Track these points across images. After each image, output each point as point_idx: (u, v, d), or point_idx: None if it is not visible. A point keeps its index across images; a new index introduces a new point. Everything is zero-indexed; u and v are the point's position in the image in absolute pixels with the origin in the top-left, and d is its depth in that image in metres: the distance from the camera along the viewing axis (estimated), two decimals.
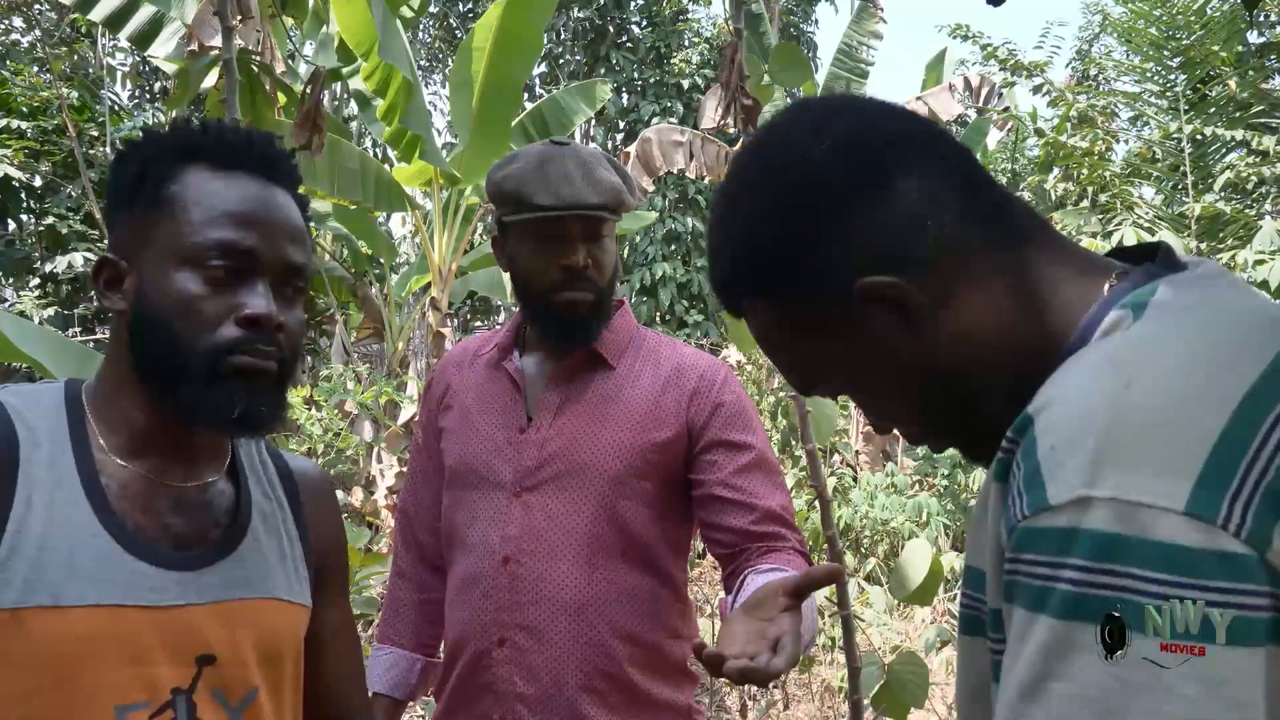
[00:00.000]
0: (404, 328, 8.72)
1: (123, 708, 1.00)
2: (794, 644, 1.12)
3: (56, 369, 2.98)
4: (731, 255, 0.88)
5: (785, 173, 0.84)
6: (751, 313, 0.89)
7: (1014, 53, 7.28)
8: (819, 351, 0.86)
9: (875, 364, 0.83)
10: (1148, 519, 0.62)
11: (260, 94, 2.76)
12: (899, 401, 0.86)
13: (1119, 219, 6.08)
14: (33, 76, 10.20)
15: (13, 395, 1.06)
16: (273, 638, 1.12)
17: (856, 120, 0.85)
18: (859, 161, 0.82)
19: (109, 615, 1.00)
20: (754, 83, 2.70)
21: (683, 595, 1.78)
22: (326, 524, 1.27)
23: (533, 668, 1.64)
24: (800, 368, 0.90)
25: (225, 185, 1.06)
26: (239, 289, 1.04)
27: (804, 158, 0.83)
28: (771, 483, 1.70)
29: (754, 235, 0.85)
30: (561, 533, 1.66)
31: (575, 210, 1.65)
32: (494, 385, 1.79)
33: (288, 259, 1.08)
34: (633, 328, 1.82)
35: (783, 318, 0.87)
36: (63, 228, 9.75)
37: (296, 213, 1.12)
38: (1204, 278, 0.77)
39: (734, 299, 0.90)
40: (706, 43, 13.79)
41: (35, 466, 1.02)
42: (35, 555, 0.98)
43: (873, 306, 0.81)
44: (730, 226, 0.88)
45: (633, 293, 12.87)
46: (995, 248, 0.81)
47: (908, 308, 0.80)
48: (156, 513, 1.07)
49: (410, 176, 7.19)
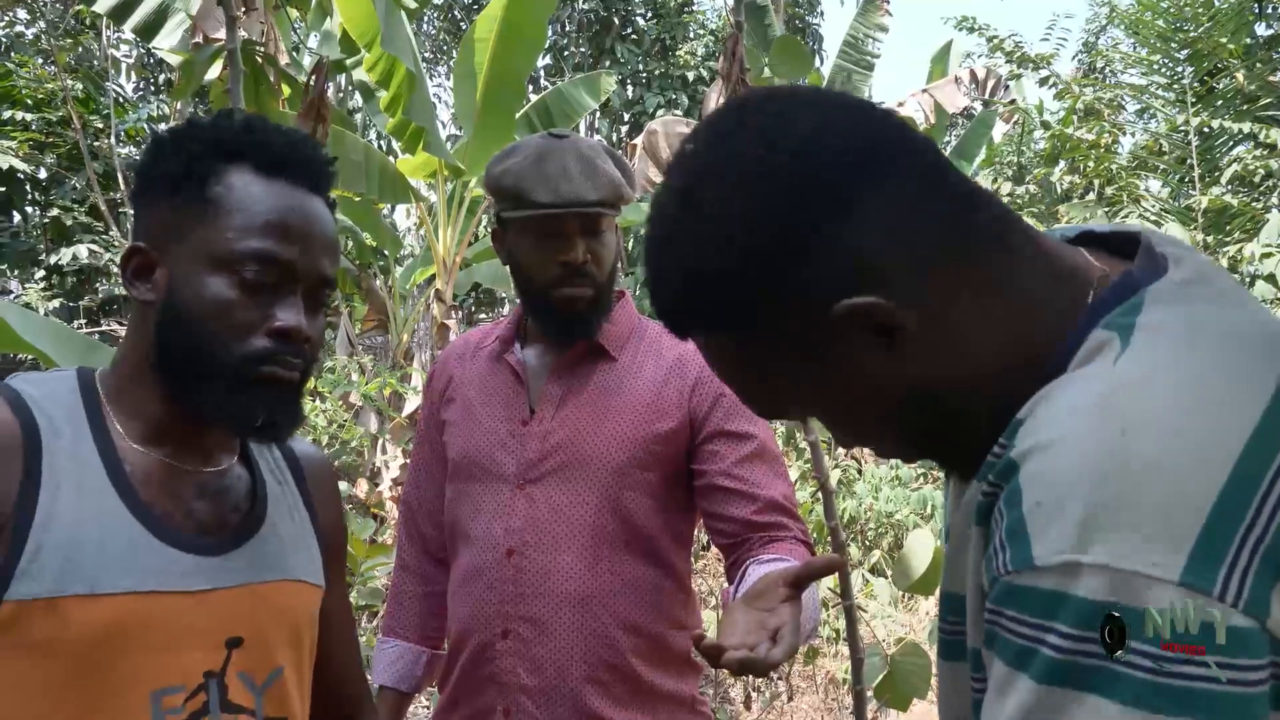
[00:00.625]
0: (408, 320, 8.73)
1: (158, 692, 1.02)
2: (793, 635, 1.12)
3: (62, 360, 2.98)
4: (684, 283, 0.77)
5: (742, 189, 0.74)
6: (707, 346, 0.81)
7: (1020, 45, 7.26)
8: (787, 382, 0.79)
9: (851, 388, 0.77)
10: (1140, 588, 0.59)
11: (264, 85, 2.76)
12: (874, 424, 0.81)
13: (1125, 212, 6.07)
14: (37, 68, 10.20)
15: (28, 384, 1.07)
16: (294, 618, 1.14)
17: (813, 125, 0.74)
18: (824, 172, 0.73)
19: (143, 602, 1.01)
20: (755, 75, 2.69)
21: (686, 586, 1.78)
22: (331, 506, 1.28)
23: (536, 659, 1.64)
24: (765, 398, 0.82)
25: (267, 192, 1.07)
26: (273, 299, 1.05)
27: (761, 170, 0.73)
28: (774, 472, 1.70)
29: (711, 259, 0.75)
30: (565, 524, 1.67)
31: (574, 208, 1.65)
32: (496, 378, 1.79)
33: (322, 272, 1.09)
34: (634, 319, 1.82)
35: (746, 350, 0.78)
36: (67, 220, 9.77)
37: (332, 224, 1.12)
38: (1188, 285, 0.72)
39: (685, 330, 0.81)
40: (712, 35, 13.77)
41: (58, 455, 1.02)
42: (67, 544, 0.99)
43: (851, 329, 0.73)
44: (680, 249, 0.77)
45: (638, 285, 12.87)
46: (973, 259, 0.75)
47: (890, 328, 0.73)
48: (181, 499, 1.08)
49: (415, 168, 7.19)
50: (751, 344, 0.77)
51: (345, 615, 1.32)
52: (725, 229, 0.74)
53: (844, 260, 0.72)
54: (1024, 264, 0.76)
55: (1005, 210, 0.78)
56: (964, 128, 11.13)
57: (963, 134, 10.54)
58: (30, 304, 8.83)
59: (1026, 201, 8.58)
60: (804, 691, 4.75)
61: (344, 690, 1.30)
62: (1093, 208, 6.81)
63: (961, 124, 12.06)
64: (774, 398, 0.82)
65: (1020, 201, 8.65)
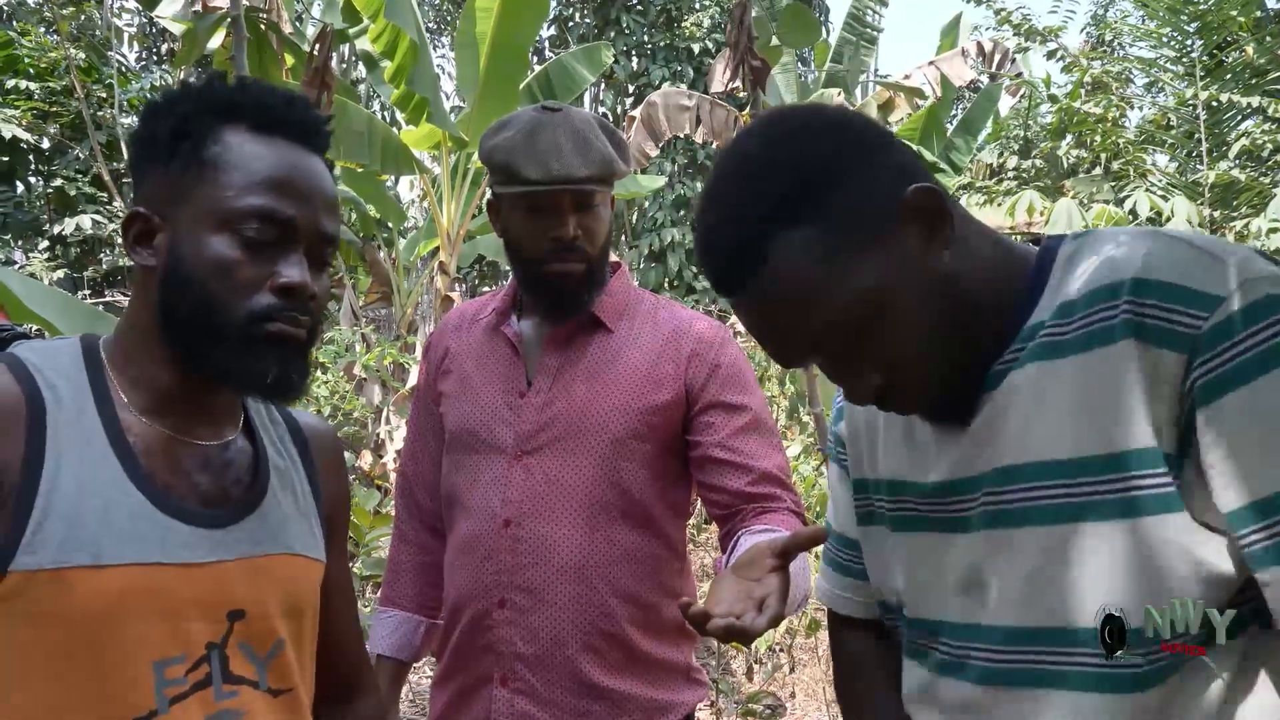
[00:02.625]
0: (412, 292, 8.73)
1: (160, 663, 1.02)
2: (778, 604, 1.13)
3: (66, 329, 2.99)
4: (778, 187, 0.94)
5: (808, 129, 0.97)
6: (791, 248, 0.94)
7: (1028, 18, 7.20)
8: (858, 273, 0.93)
9: (908, 283, 0.94)
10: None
11: (268, 53, 2.75)
12: (917, 329, 0.95)
13: (1132, 186, 6.04)
14: (40, 37, 10.15)
15: (31, 352, 1.06)
16: (295, 591, 1.14)
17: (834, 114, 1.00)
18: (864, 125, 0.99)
19: (146, 573, 1.01)
20: (762, 44, 2.68)
21: (682, 555, 1.79)
22: (335, 479, 1.28)
23: (533, 628, 1.65)
24: (825, 307, 0.94)
25: (266, 150, 1.06)
26: (275, 256, 1.04)
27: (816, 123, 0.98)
28: (768, 443, 1.71)
29: (807, 162, 0.95)
30: (562, 495, 1.67)
31: (564, 185, 1.64)
32: (493, 349, 1.80)
33: (324, 229, 1.08)
34: (630, 290, 1.82)
35: (826, 239, 0.93)
36: (71, 190, 9.75)
37: (331, 181, 1.12)
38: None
39: (764, 242, 0.94)
40: (717, 6, 13.67)
41: (61, 425, 1.01)
42: (71, 514, 0.98)
43: (909, 218, 0.94)
44: (772, 167, 0.95)
45: (641, 258, 12.85)
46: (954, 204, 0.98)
47: (940, 218, 0.94)
48: (184, 471, 1.08)
49: (418, 140, 7.17)
50: (830, 232, 0.94)
51: (345, 587, 1.32)
52: (805, 146, 0.96)
53: (898, 169, 0.96)
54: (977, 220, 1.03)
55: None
56: (970, 101, 11.06)
57: (969, 107, 10.49)
58: (34, 274, 8.82)
59: (1033, 175, 8.54)
60: (805, 664, 4.77)
61: (344, 660, 1.31)
62: (1099, 182, 6.78)
63: (968, 97, 11.99)
64: (829, 305, 0.94)
65: (1026, 175, 8.60)
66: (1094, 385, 0.90)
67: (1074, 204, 5.24)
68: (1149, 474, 0.87)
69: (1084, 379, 0.90)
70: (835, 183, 0.93)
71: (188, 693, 1.03)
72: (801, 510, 1.69)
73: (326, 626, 1.24)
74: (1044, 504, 0.93)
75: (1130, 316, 0.87)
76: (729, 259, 0.96)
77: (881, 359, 0.97)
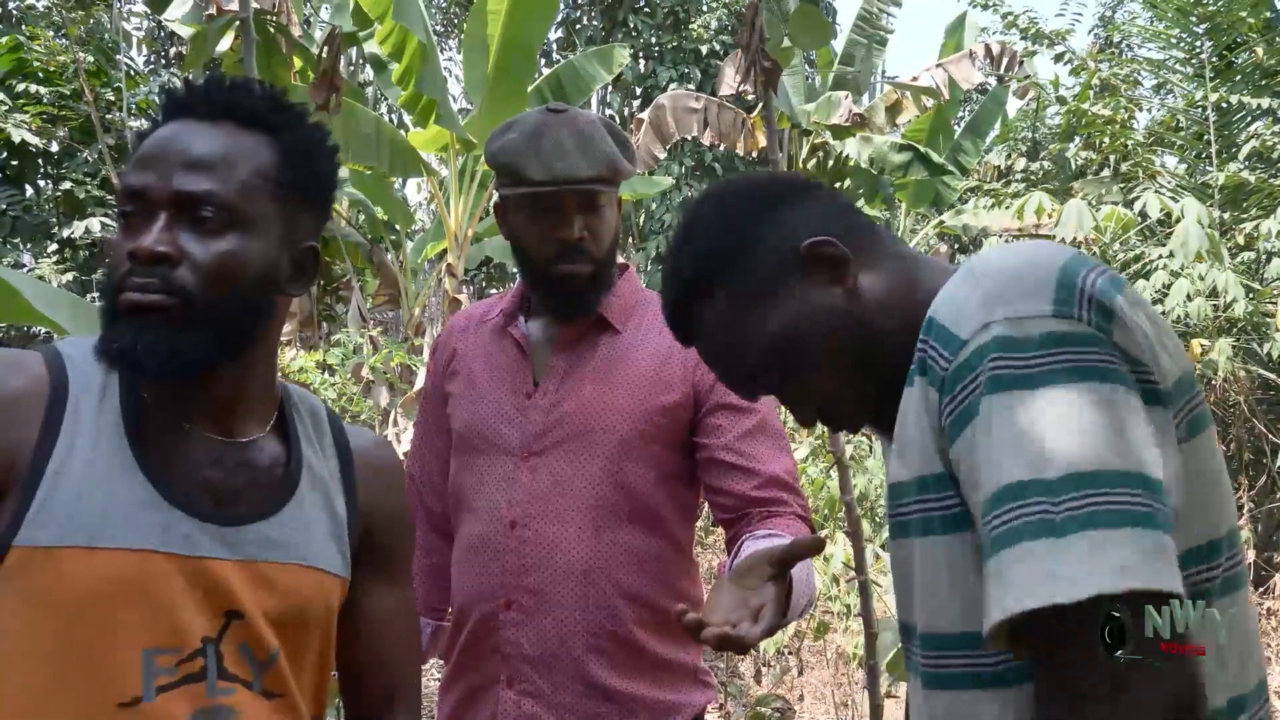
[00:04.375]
0: (420, 294, 8.73)
1: (151, 651, 1.02)
2: (774, 614, 1.14)
3: (76, 332, 2.99)
4: (691, 261, 1.10)
5: (722, 203, 1.12)
6: (709, 310, 1.09)
7: (1035, 21, 7.19)
8: (765, 324, 1.05)
9: (813, 327, 1.04)
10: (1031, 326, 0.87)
11: (277, 55, 2.75)
12: (831, 368, 1.05)
13: (1140, 188, 6.01)
14: (49, 40, 10.18)
15: (70, 346, 1.09)
16: (299, 604, 1.11)
17: (748, 183, 1.15)
18: (772, 189, 1.12)
19: (140, 559, 1.02)
20: (773, 45, 2.67)
21: (689, 556, 1.79)
22: (381, 503, 1.23)
23: (540, 629, 1.65)
24: (747, 348, 1.07)
25: (155, 134, 1.07)
26: (141, 227, 1.03)
27: (730, 196, 1.13)
28: (776, 446, 1.71)
29: (709, 239, 1.10)
30: (569, 496, 1.67)
31: (568, 186, 1.64)
32: (500, 351, 1.79)
33: (175, 188, 1.03)
34: (638, 292, 1.82)
35: (736, 297, 1.07)
36: (80, 193, 9.77)
37: (212, 144, 1.06)
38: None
39: (689, 309, 1.11)
40: (725, 8, 13.66)
41: (83, 413, 1.04)
42: (74, 497, 1.00)
43: (811, 269, 1.05)
44: (689, 244, 1.11)
45: (648, 260, 12.84)
46: (871, 235, 1.09)
47: (839, 266, 1.04)
48: (198, 465, 1.08)
49: (426, 142, 7.18)
50: (740, 292, 1.07)
51: (405, 621, 1.26)
52: (712, 223, 1.11)
53: (800, 225, 1.07)
54: (894, 246, 1.11)
55: (875, 222, 1.15)
56: (978, 103, 11.04)
57: (976, 109, 10.46)
58: (43, 277, 8.84)
59: (1040, 177, 8.51)
60: (814, 667, 4.76)
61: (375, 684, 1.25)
62: (1108, 183, 6.76)
63: (976, 99, 11.96)
64: (752, 346, 1.07)
65: (1034, 177, 8.58)
66: (908, 414, 0.97)
67: (1084, 205, 5.22)
68: (937, 497, 0.94)
69: (905, 407, 0.98)
70: (737, 252, 1.08)
71: (177, 684, 1.02)
72: (808, 515, 1.69)
73: (355, 649, 1.21)
74: (896, 519, 1.01)
75: (921, 354, 0.94)
76: (673, 329, 1.15)
77: (807, 393, 1.08)
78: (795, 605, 1.34)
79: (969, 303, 0.91)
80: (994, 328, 0.88)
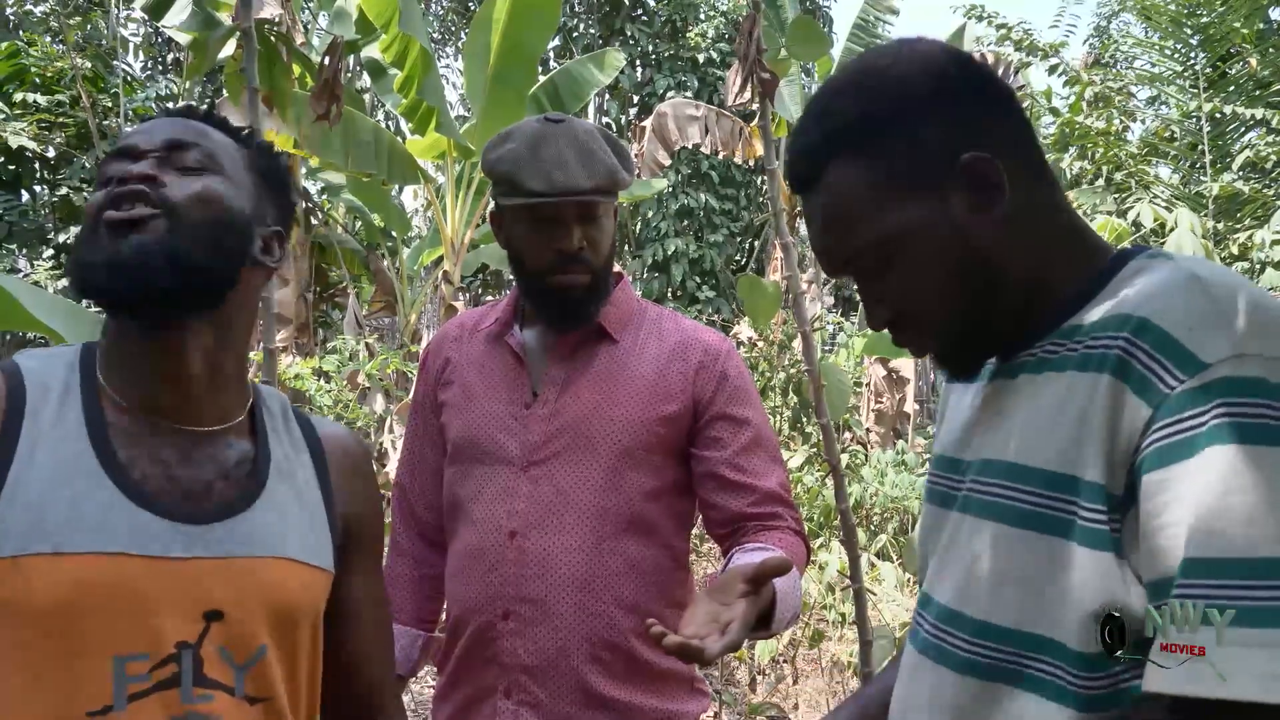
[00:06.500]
0: (416, 301, 8.74)
1: (122, 658, 1.00)
2: (739, 630, 1.17)
3: (72, 337, 2.98)
4: (845, 114, 0.99)
5: (895, 66, 0.99)
6: (843, 172, 0.99)
7: (1029, 33, 7.22)
8: (893, 215, 0.97)
9: (936, 238, 0.97)
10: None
11: (278, 64, 2.76)
12: (933, 283, 0.98)
13: (1135, 198, 6.04)
14: (46, 47, 10.18)
15: (30, 358, 1.08)
16: (285, 598, 1.10)
17: (950, 59, 1.01)
18: (970, 78, 0.99)
19: (109, 564, 1.00)
20: (771, 56, 2.68)
21: (685, 566, 1.79)
22: (356, 491, 1.24)
23: (537, 640, 1.65)
24: (859, 232, 0.99)
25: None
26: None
27: (921, 64, 0.99)
28: (771, 459, 1.72)
29: (877, 102, 0.98)
30: (568, 507, 1.67)
31: (568, 197, 1.64)
32: (496, 360, 1.79)
33: (160, 138, 1.09)
34: (634, 301, 1.82)
35: (877, 173, 0.97)
36: (77, 199, 9.77)
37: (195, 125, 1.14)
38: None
39: (825, 157, 1.00)
40: (723, 16, 13.70)
41: (42, 421, 1.02)
42: (36, 505, 0.99)
43: (962, 182, 0.96)
44: (858, 93, 1.00)
45: (645, 268, 12.85)
46: (1044, 182, 1.00)
47: (992, 192, 0.95)
48: (164, 463, 1.06)
49: (424, 149, 7.18)
50: (882, 170, 0.97)
51: (372, 602, 1.27)
52: (890, 83, 0.98)
53: (976, 133, 0.96)
54: (1061, 202, 1.02)
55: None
56: None
57: None
58: (39, 282, 8.84)
59: None
60: (808, 675, 4.77)
61: (360, 680, 1.26)
62: (1102, 194, 6.78)
63: None
64: (864, 233, 0.99)
65: None
66: (1071, 405, 0.90)
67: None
68: (1067, 500, 0.89)
69: (1066, 396, 0.91)
70: (898, 124, 0.97)
71: (149, 691, 1.01)
72: (801, 527, 1.70)
73: (351, 647, 1.22)
74: (1004, 503, 0.95)
75: (1121, 354, 0.87)
76: (796, 164, 1.03)
77: (894, 298, 1.01)
78: (780, 618, 1.37)
79: (1210, 323, 0.83)
80: (1249, 364, 0.80)
